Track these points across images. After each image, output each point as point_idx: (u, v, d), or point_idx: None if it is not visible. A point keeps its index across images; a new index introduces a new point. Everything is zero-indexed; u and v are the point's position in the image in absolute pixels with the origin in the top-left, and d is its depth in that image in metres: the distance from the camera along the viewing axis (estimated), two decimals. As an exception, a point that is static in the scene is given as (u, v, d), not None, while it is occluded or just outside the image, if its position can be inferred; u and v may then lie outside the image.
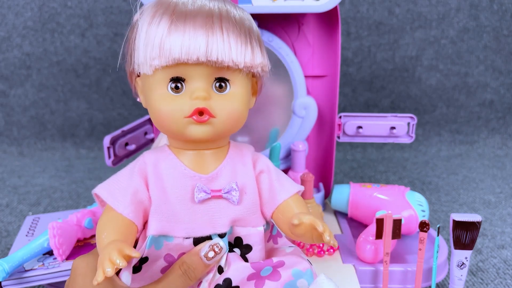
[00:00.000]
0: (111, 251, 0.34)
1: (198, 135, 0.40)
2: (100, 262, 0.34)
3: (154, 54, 0.38)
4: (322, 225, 0.38)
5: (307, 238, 0.40)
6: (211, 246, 0.41)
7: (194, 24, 0.38)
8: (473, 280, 0.68)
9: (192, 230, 0.41)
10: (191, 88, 0.40)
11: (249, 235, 0.44)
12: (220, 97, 0.41)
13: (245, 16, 0.42)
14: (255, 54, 0.41)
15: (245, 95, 0.42)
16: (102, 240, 0.38)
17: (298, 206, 0.44)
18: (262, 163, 0.46)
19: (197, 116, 0.39)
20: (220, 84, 0.41)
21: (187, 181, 0.42)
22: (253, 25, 0.43)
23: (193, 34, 0.37)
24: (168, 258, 0.42)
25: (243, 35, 0.40)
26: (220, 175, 0.43)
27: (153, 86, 0.40)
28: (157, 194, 0.42)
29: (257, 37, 0.42)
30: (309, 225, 0.38)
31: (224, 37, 0.38)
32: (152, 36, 0.38)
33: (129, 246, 0.35)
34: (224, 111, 0.40)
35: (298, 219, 0.38)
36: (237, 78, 0.41)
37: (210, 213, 0.42)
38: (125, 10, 1.25)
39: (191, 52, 0.38)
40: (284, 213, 0.44)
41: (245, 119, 0.44)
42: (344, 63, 1.29)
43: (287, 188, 0.45)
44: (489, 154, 1.31)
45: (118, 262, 0.33)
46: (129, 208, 0.40)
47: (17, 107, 1.32)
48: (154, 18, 0.39)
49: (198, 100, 0.39)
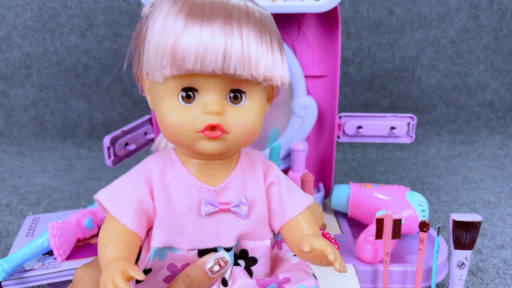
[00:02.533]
0: (114, 273, 0.32)
1: (209, 151, 0.38)
2: (103, 284, 0.32)
3: (165, 63, 0.35)
4: (333, 253, 0.36)
5: (316, 262, 0.38)
6: (216, 260, 0.39)
7: (212, 29, 0.34)
8: (473, 280, 0.68)
9: (197, 243, 0.40)
10: (204, 100, 0.36)
11: (256, 248, 0.42)
12: (234, 110, 0.37)
13: (266, 16, 0.39)
14: (276, 65, 0.37)
15: (261, 107, 0.39)
16: (105, 254, 0.37)
17: (308, 224, 0.42)
18: (273, 174, 0.44)
19: (209, 131, 0.36)
20: (235, 95, 0.37)
21: (194, 192, 0.40)
22: (274, 26, 0.39)
23: (209, 42, 0.33)
24: (171, 267, 0.41)
25: (264, 42, 0.36)
26: (229, 187, 0.41)
27: (162, 94, 0.37)
28: (163, 204, 0.39)
29: (278, 40, 0.39)
30: (320, 252, 0.37)
31: (243, 47, 0.34)
32: (164, 41, 0.34)
33: (133, 266, 0.33)
34: (238, 126, 0.37)
35: (309, 245, 0.37)
36: (254, 91, 0.38)
37: (217, 227, 0.40)
38: (125, 10, 1.25)
39: (206, 64, 0.34)
40: (294, 232, 0.42)
41: (260, 131, 0.40)
42: (344, 63, 1.29)
43: (297, 202, 0.43)
44: (489, 154, 1.31)
45: (121, 287, 0.31)
46: (133, 219, 0.38)
47: (17, 107, 1.32)
48: (167, 18, 0.35)
49: (210, 115, 0.36)
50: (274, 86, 0.41)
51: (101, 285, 0.33)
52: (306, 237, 0.38)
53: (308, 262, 0.43)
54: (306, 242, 0.37)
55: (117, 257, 0.35)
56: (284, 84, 0.39)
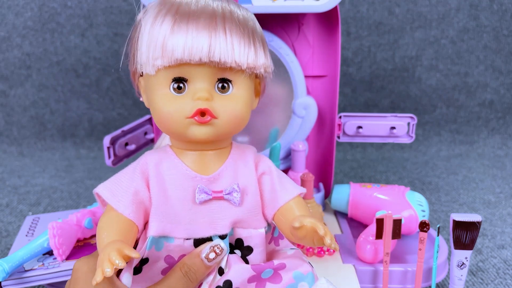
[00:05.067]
0: (110, 251, 0.34)
1: (199, 136, 0.40)
2: (100, 262, 0.34)
3: (157, 54, 0.38)
4: (323, 228, 0.38)
5: (308, 241, 0.40)
6: (212, 248, 0.41)
7: (197, 24, 0.38)
8: (473, 280, 0.68)
9: (192, 231, 0.41)
10: (194, 88, 0.40)
11: (250, 237, 0.44)
12: (222, 98, 0.40)
13: (249, 16, 0.42)
14: (258, 55, 0.41)
15: (248, 96, 0.42)
16: (102, 239, 0.38)
17: (300, 208, 0.44)
18: (264, 164, 0.46)
19: (198, 116, 0.39)
20: (222, 85, 0.40)
21: (188, 181, 0.42)
22: (257, 26, 0.43)
23: (196, 34, 0.37)
24: (168, 259, 0.42)
25: (246, 36, 0.40)
26: (221, 176, 0.43)
27: (155, 86, 0.40)
28: (158, 194, 0.41)
29: (261, 37, 0.42)
30: (310, 228, 0.38)
31: (227, 38, 0.38)
32: (155, 36, 0.38)
33: (129, 247, 0.35)
34: (226, 112, 0.40)
35: (299, 222, 0.38)
36: (239, 79, 0.41)
37: (211, 214, 0.42)
38: (125, 10, 1.25)
39: (193, 52, 0.37)
40: (286, 215, 0.44)
41: (247, 120, 0.43)
42: (344, 63, 1.29)
43: (289, 190, 0.45)
44: (489, 154, 1.31)
45: (117, 263, 0.33)
46: (130, 208, 0.40)
47: (17, 107, 1.32)
48: (157, 18, 0.39)
49: (200, 100, 0.39)
50: (260, 78, 0.44)
51: (98, 265, 0.34)
52: (297, 216, 0.40)
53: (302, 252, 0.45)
54: (297, 220, 0.39)
55: (113, 240, 0.37)
56: (268, 73, 0.43)
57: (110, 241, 0.36)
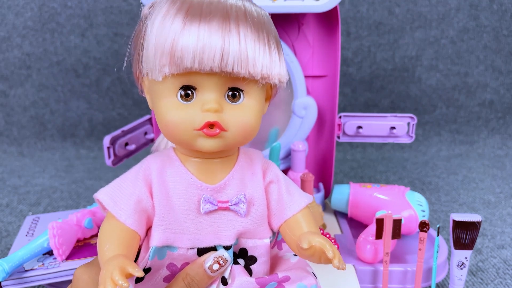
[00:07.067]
0: (113, 269, 0.32)
1: (207, 148, 0.38)
2: (102, 280, 0.32)
3: (165, 61, 0.35)
4: (332, 250, 0.36)
5: (315, 259, 0.38)
6: (215, 259, 0.39)
7: (210, 28, 0.34)
8: (473, 280, 0.68)
9: (196, 241, 0.40)
10: (202, 98, 0.37)
11: (255, 247, 0.42)
12: (232, 108, 0.38)
13: (264, 15, 0.39)
14: (273, 63, 0.37)
15: (259, 105, 0.40)
16: (104, 252, 0.37)
17: (307, 222, 0.42)
18: (272, 172, 0.44)
19: (207, 129, 0.37)
20: (233, 93, 0.38)
21: (193, 190, 0.40)
22: (272, 26, 0.40)
23: (207, 40, 0.34)
24: (171, 267, 0.41)
25: (261, 41, 0.36)
26: (227, 186, 0.41)
27: (161, 92, 0.38)
28: (162, 203, 0.40)
29: (275, 39, 0.39)
30: (319, 249, 0.37)
31: (241, 44, 0.35)
32: (163, 41, 0.35)
33: (132, 264, 0.34)
34: (236, 124, 0.38)
35: (308, 242, 0.37)
36: (252, 89, 0.38)
37: (216, 225, 0.40)
38: (125, 10, 1.25)
39: (204, 61, 0.34)
40: (293, 230, 0.42)
41: (258, 130, 0.40)
42: (344, 63, 1.29)
43: (297, 201, 0.43)
44: (489, 154, 1.31)
45: (120, 283, 0.31)
46: (132, 218, 0.38)
47: (17, 107, 1.32)
48: (166, 18, 0.35)
49: (209, 113, 0.37)
50: (272, 84, 0.41)
51: (100, 282, 0.33)
52: (305, 234, 0.38)
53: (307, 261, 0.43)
54: (305, 239, 0.37)
55: (116, 255, 0.35)
56: (282, 83, 0.40)
57: (113, 256, 0.35)
